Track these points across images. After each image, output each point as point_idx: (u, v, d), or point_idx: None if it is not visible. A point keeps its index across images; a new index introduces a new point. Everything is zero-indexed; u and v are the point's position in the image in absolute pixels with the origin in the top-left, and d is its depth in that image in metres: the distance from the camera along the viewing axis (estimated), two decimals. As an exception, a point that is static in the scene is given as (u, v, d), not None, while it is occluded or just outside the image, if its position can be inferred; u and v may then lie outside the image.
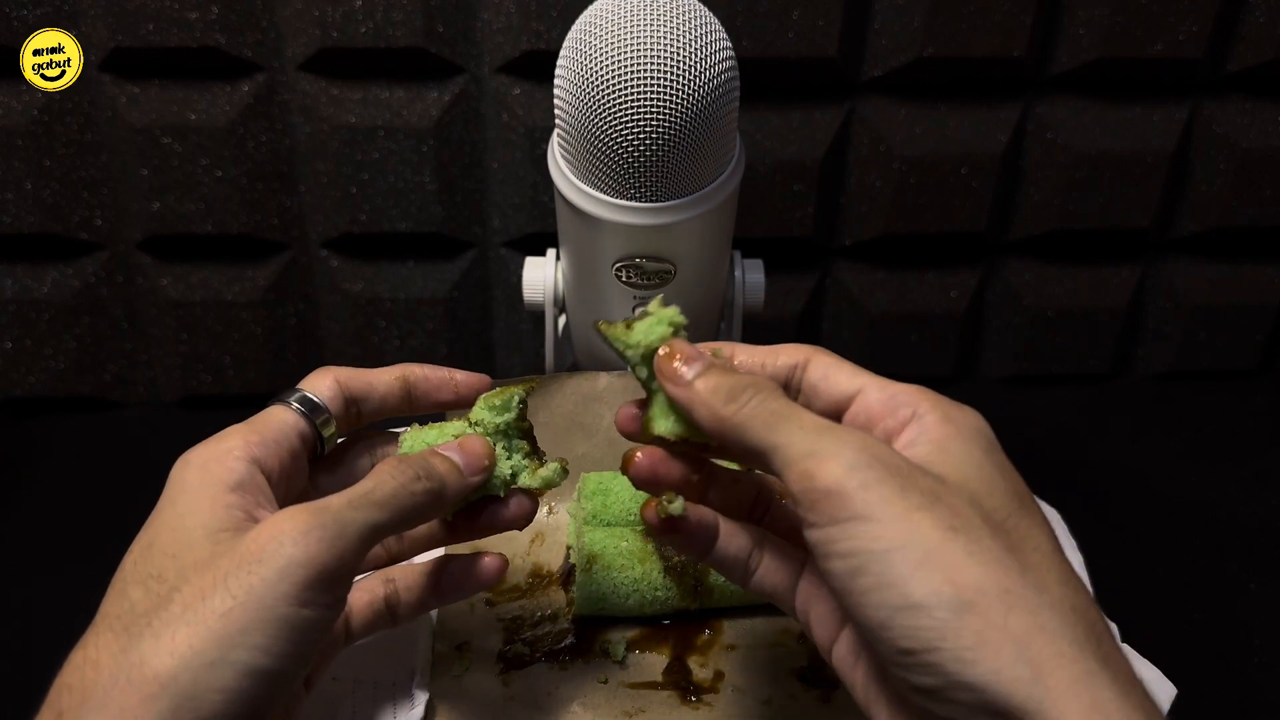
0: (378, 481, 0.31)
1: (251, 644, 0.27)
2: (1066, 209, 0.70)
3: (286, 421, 0.34)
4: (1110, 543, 0.57)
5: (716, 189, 0.44)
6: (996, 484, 0.28)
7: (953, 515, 0.26)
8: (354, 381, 0.37)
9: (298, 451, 0.34)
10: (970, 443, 0.29)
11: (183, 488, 0.31)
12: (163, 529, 0.30)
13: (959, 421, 0.30)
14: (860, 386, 0.31)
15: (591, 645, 0.42)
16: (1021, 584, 0.25)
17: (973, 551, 0.26)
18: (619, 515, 0.46)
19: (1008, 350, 0.76)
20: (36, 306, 0.67)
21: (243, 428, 0.33)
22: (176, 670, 0.26)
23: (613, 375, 0.50)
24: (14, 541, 0.58)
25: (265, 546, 0.28)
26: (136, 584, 0.29)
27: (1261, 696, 0.48)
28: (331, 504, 0.30)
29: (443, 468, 0.33)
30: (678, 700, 0.40)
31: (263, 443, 0.33)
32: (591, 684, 0.41)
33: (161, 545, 0.30)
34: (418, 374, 0.38)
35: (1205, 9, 0.64)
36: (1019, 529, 0.27)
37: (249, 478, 0.31)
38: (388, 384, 0.37)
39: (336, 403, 0.36)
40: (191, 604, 0.27)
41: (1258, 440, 0.70)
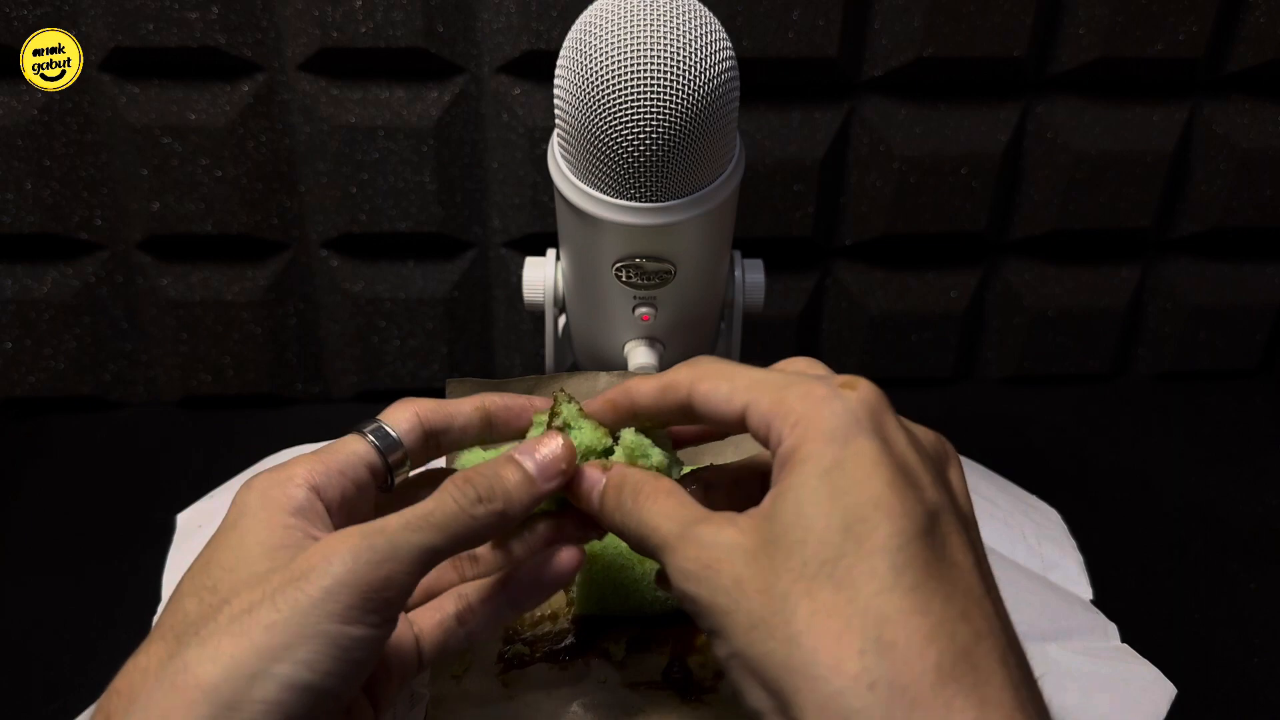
0: (439, 503, 0.31)
1: (294, 658, 0.27)
2: (1066, 209, 0.70)
3: (356, 452, 0.34)
4: (1110, 543, 0.57)
5: (716, 189, 0.44)
6: (815, 522, 0.26)
7: (753, 609, 0.26)
8: (434, 415, 0.36)
9: (364, 483, 0.34)
10: (807, 467, 0.27)
11: (244, 510, 0.31)
12: (221, 547, 0.31)
13: (811, 439, 0.27)
14: (741, 410, 0.30)
15: (591, 645, 0.42)
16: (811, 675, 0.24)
17: (770, 650, 0.25)
18: None
19: (1008, 350, 0.76)
20: (36, 306, 0.67)
21: (309, 457, 0.33)
22: (219, 679, 0.27)
23: (613, 375, 0.50)
24: (14, 541, 0.58)
25: (314, 564, 0.28)
26: (191, 596, 0.29)
27: (1261, 696, 0.48)
28: (388, 525, 0.30)
29: (511, 482, 0.32)
30: (677, 700, 0.40)
31: (326, 472, 0.33)
32: (591, 684, 0.41)
33: (219, 561, 0.30)
34: (497, 403, 0.37)
35: (1205, 9, 0.64)
36: (834, 577, 0.25)
37: (308, 504, 0.32)
38: (467, 415, 0.37)
39: (414, 435, 0.35)
40: (238, 615, 0.28)
41: (1258, 440, 0.70)
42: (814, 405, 0.28)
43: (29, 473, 0.64)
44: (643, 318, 0.49)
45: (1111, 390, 0.77)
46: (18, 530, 0.59)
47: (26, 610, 0.53)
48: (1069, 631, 0.45)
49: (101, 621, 0.52)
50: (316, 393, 0.72)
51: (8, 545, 0.58)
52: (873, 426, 0.27)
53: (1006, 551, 0.50)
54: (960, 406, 0.74)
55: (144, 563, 0.50)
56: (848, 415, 0.27)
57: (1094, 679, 0.43)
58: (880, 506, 0.25)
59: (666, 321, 0.49)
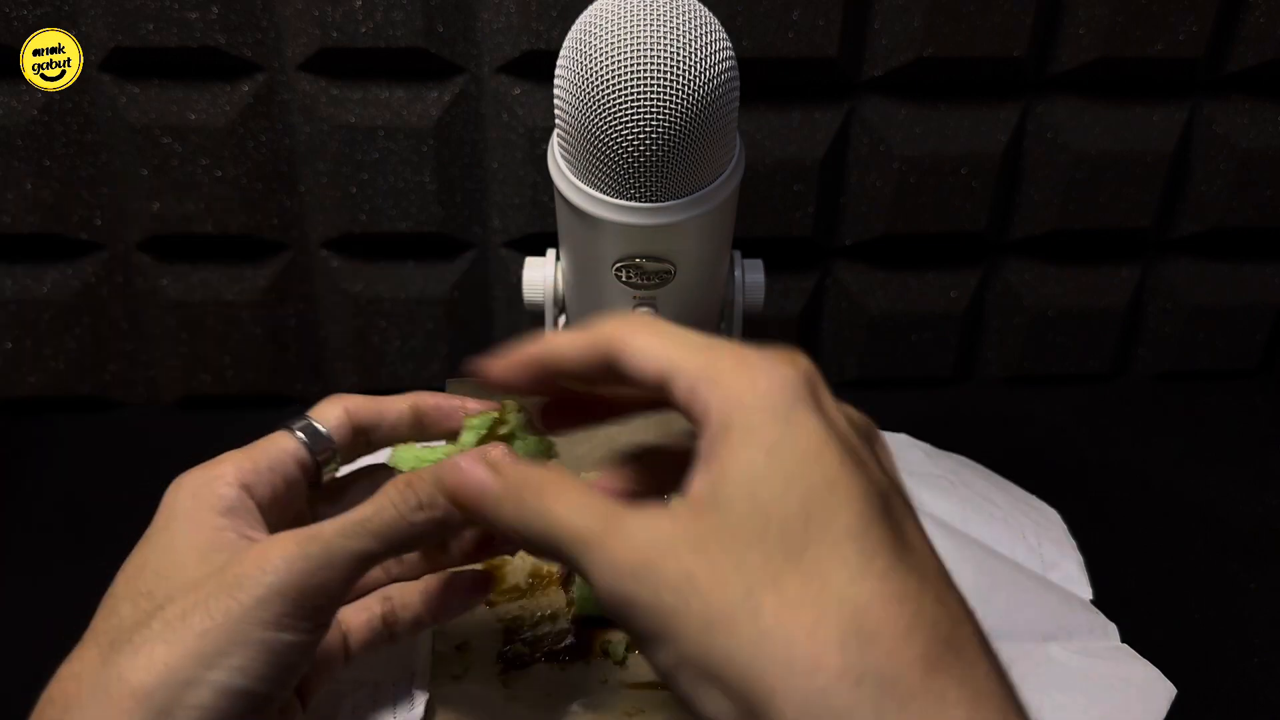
0: (377, 508, 0.30)
1: (229, 665, 0.28)
2: (1066, 209, 0.70)
3: (285, 449, 0.34)
4: (1110, 543, 0.57)
5: (716, 189, 0.44)
6: (771, 509, 0.23)
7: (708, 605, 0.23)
8: (363, 411, 0.37)
9: (294, 479, 0.34)
10: (750, 447, 0.24)
11: (174, 512, 0.32)
12: (154, 550, 0.31)
13: (745, 413, 0.25)
14: (665, 373, 0.27)
15: (592, 645, 0.42)
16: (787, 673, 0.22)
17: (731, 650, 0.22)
18: None
19: (1008, 350, 0.76)
20: (36, 306, 0.67)
21: (238, 454, 0.34)
22: (153, 686, 0.27)
23: None
24: (14, 541, 0.58)
25: (248, 571, 0.28)
26: (126, 601, 0.30)
27: (1261, 696, 0.48)
28: (324, 531, 0.30)
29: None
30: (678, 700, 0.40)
31: (255, 469, 0.33)
32: (592, 684, 0.41)
33: (153, 565, 0.30)
34: (429, 403, 0.38)
35: (1205, 9, 0.64)
36: (801, 568, 0.23)
37: (239, 503, 0.32)
38: (398, 412, 0.37)
39: (343, 431, 0.36)
40: (172, 622, 0.28)
41: (1258, 440, 0.70)
42: (749, 374, 0.25)
43: (29, 473, 0.64)
44: (643, 318, 0.49)
45: (1111, 390, 0.77)
46: (18, 530, 0.59)
47: (26, 610, 0.53)
48: (1069, 631, 0.45)
49: (101, 621, 0.51)
50: (316, 393, 0.72)
51: (8, 545, 0.58)
52: (813, 402, 0.25)
53: (1006, 551, 0.50)
54: (960, 406, 0.74)
55: (144, 563, 0.50)
56: (787, 388, 0.25)
57: (1094, 679, 0.43)
58: (837, 489, 0.23)
59: (666, 321, 0.49)
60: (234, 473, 0.33)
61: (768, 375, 0.25)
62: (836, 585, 0.22)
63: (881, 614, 0.22)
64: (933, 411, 0.73)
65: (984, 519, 0.51)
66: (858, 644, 0.21)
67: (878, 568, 0.22)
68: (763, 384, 0.25)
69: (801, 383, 0.25)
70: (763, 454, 0.24)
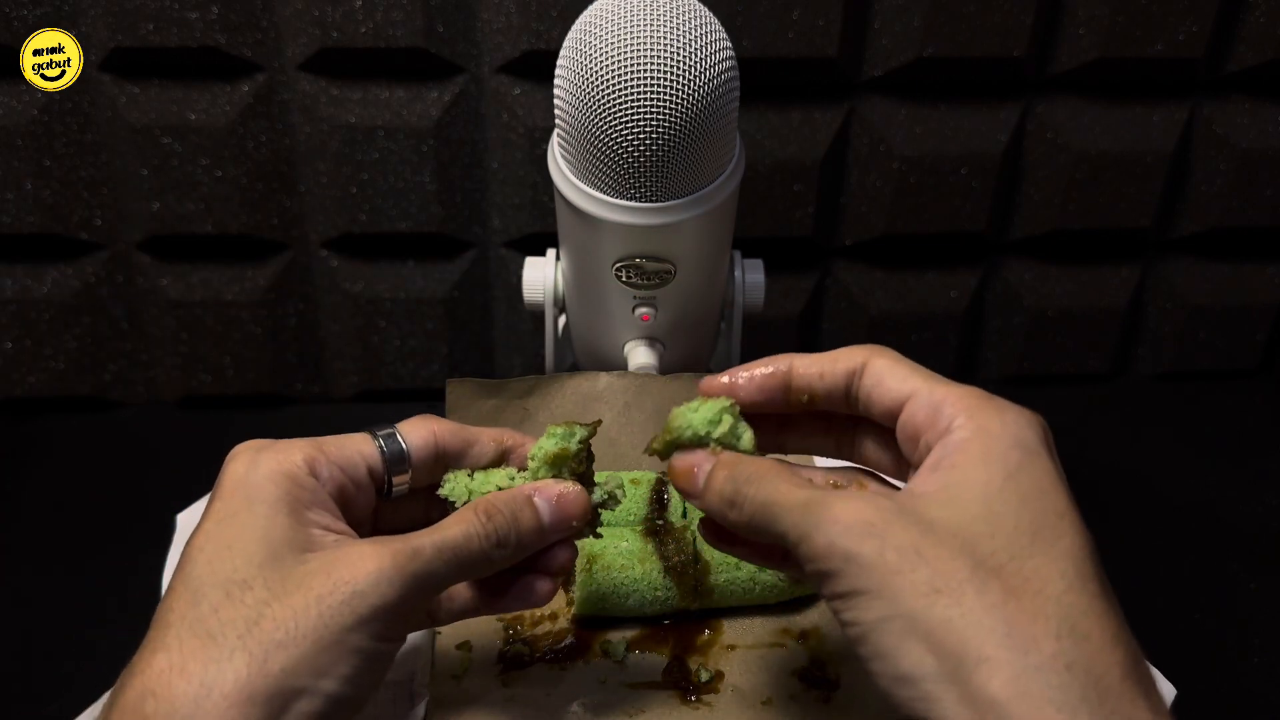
0: (468, 536, 0.32)
1: (339, 674, 0.28)
2: (1066, 209, 0.70)
3: (362, 452, 0.34)
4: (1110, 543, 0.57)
5: (716, 189, 0.44)
6: (1004, 519, 0.27)
7: (935, 574, 0.26)
8: (452, 439, 0.36)
9: (363, 482, 0.34)
10: (991, 465, 0.28)
11: (255, 494, 0.31)
12: (241, 535, 0.30)
13: (989, 438, 0.28)
14: (911, 392, 0.30)
15: (591, 645, 0.42)
16: (1005, 646, 0.24)
17: (952, 617, 0.25)
18: (619, 516, 0.46)
19: (1008, 350, 0.76)
20: (36, 306, 0.67)
21: (310, 443, 0.33)
22: (270, 693, 0.27)
23: (613, 375, 0.50)
24: (14, 541, 0.58)
25: (360, 580, 0.29)
26: (216, 587, 0.29)
27: (1261, 696, 0.48)
28: (424, 550, 0.30)
29: (526, 527, 0.33)
30: (678, 700, 0.40)
31: (326, 463, 0.33)
32: (591, 684, 0.41)
33: (244, 552, 0.29)
34: (515, 440, 0.37)
35: (1205, 9, 0.64)
36: (1022, 571, 0.26)
37: (320, 496, 0.32)
38: (484, 446, 0.37)
39: (425, 452, 0.35)
40: (284, 622, 0.28)
41: (1258, 440, 0.70)
42: (998, 410, 0.29)
43: (29, 473, 0.64)
44: (643, 318, 0.49)
45: (1111, 390, 0.77)
46: (18, 530, 0.59)
47: (26, 610, 0.53)
48: None
49: (101, 621, 0.51)
50: (316, 393, 0.72)
51: (8, 545, 0.58)
52: (1048, 448, 0.29)
53: None
54: (960, 406, 0.74)
55: (144, 563, 0.50)
56: (1032, 429, 0.29)
57: None
58: (1065, 518, 0.27)
59: (666, 321, 0.49)
60: (307, 460, 0.32)
61: (1015, 416, 0.29)
62: (1054, 591, 0.25)
63: (1093, 622, 0.25)
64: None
65: None
66: (1072, 639, 0.25)
67: (1092, 588, 0.26)
68: (1010, 421, 0.29)
69: (1042, 431, 0.29)
70: (1002, 475, 0.27)
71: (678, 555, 0.43)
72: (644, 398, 0.50)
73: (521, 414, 0.50)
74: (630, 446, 0.49)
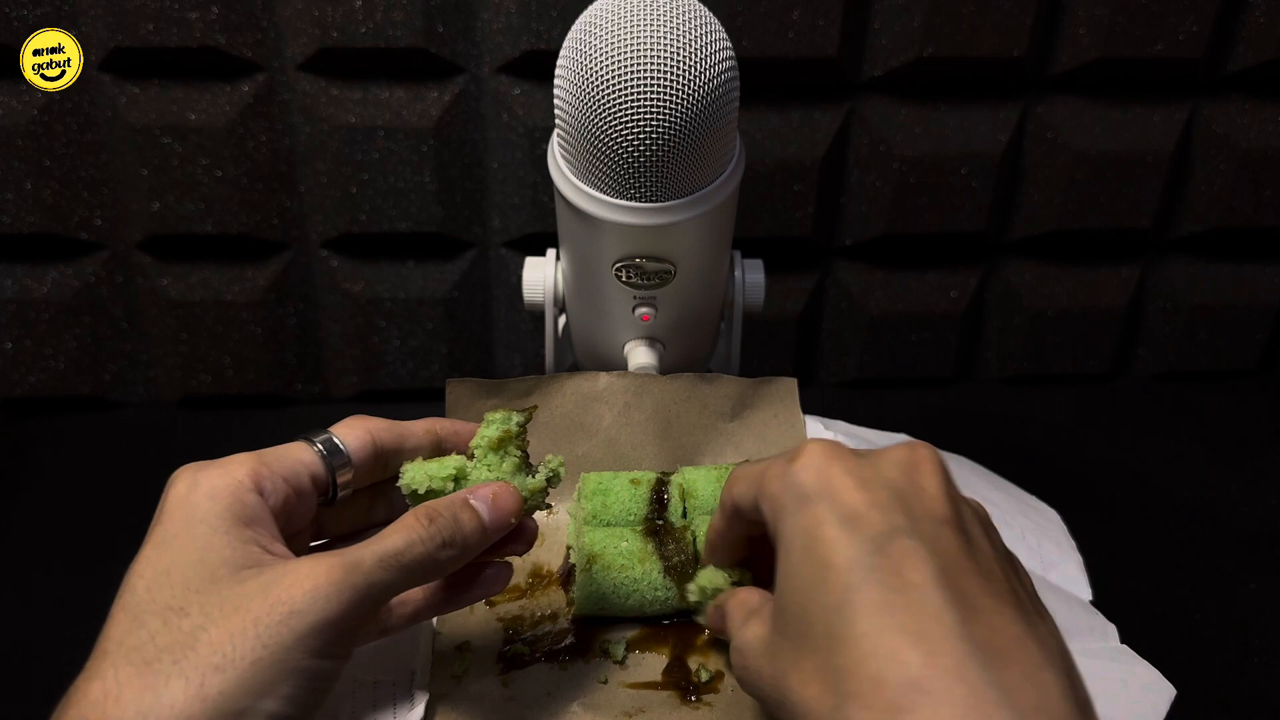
0: (408, 543, 0.31)
1: (280, 694, 0.28)
2: (1066, 209, 0.70)
3: (302, 460, 0.34)
4: (1110, 543, 0.57)
5: (716, 189, 0.44)
6: (789, 603, 0.29)
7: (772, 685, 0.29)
8: (387, 435, 0.36)
9: (306, 491, 0.34)
10: (781, 556, 0.30)
11: (194, 514, 0.31)
12: (179, 558, 0.30)
13: (776, 525, 0.31)
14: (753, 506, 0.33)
15: (591, 645, 0.42)
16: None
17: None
18: (619, 515, 0.46)
19: (1008, 350, 0.76)
20: (36, 306, 0.67)
21: (252, 457, 0.33)
22: (209, 716, 0.27)
23: (613, 375, 0.50)
24: (13, 541, 0.58)
25: (298, 599, 0.28)
26: (154, 615, 0.28)
27: (1261, 696, 0.48)
28: (363, 561, 0.30)
29: (469, 527, 0.33)
30: (678, 700, 0.40)
31: (270, 476, 0.33)
32: (591, 684, 0.41)
33: (181, 577, 0.29)
34: (447, 428, 0.38)
35: (1205, 9, 0.64)
36: (812, 632, 0.28)
37: (260, 512, 0.31)
38: (418, 438, 0.37)
39: (364, 452, 0.36)
40: (220, 646, 0.27)
41: (1258, 440, 0.70)
42: (774, 487, 0.31)
43: (29, 473, 0.64)
44: (643, 318, 0.49)
45: (1111, 390, 0.77)
46: (18, 530, 0.59)
47: (27, 610, 0.53)
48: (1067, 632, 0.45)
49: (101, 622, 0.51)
50: (316, 393, 0.72)
51: (8, 545, 0.58)
52: (818, 488, 0.29)
53: None
54: (960, 406, 0.74)
55: (144, 563, 0.50)
56: (795, 487, 0.30)
57: (1092, 680, 0.42)
58: (827, 565, 0.28)
59: (666, 321, 0.49)
60: (251, 477, 0.32)
61: (782, 482, 0.30)
62: (825, 655, 0.27)
63: (857, 674, 0.26)
64: (933, 411, 0.73)
65: None
66: (841, 704, 0.26)
67: (857, 631, 0.26)
68: (779, 492, 0.30)
69: (806, 475, 0.30)
70: (784, 557, 0.29)
71: (678, 555, 0.43)
72: (644, 398, 0.50)
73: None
74: (630, 446, 0.49)
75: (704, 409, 0.50)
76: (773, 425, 0.50)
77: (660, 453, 0.49)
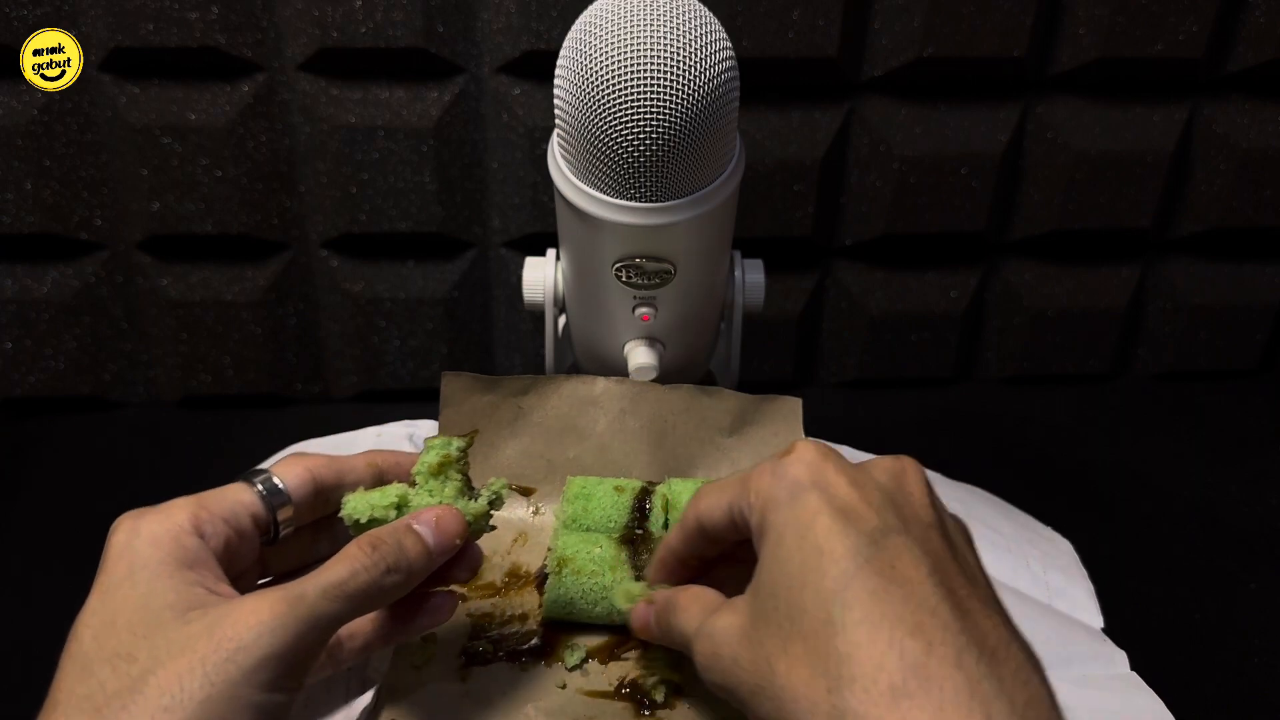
0: (351, 572, 0.31)
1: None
2: (1066, 209, 0.70)
3: (241, 501, 0.34)
4: (1110, 543, 0.57)
5: (716, 189, 0.44)
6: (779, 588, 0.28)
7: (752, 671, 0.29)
8: (326, 472, 0.37)
9: (247, 532, 0.34)
10: (769, 543, 0.30)
11: (137, 561, 0.31)
12: (124, 605, 0.30)
13: (763, 517, 0.30)
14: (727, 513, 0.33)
15: (556, 649, 0.42)
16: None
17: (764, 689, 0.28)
18: (599, 521, 0.45)
19: (1008, 350, 0.76)
20: (36, 306, 0.67)
21: (191, 501, 0.33)
22: None
23: (610, 381, 0.50)
24: (13, 541, 0.58)
25: (243, 635, 0.28)
26: (103, 663, 0.28)
27: (1261, 696, 0.48)
28: (307, 594, 0.30)
29: (413, 552, 0.33)
30: (632, 712, 0.39)
31: (210, 519, 0.33)
32: (549, 688, 0.40)
33: (126, 623, 0.29)
34: (388, 460, 0.39)
35: (1205, 9, 0.64)
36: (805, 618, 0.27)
37: (202, 555, 0.32)
38: (359, 473, 0.38)
39: (304, 490, 0.36)
40: (168, 688, 0.27)
41: (1258, 440, 0.70)
42: (764, 482, 0.31)
43: (29, 473, 0.64)
44: (643, 318, 0.49)
45: (1111, 390, 0.77)
46: (18, 530, 0.59)
47: (27, 610, 0.53)
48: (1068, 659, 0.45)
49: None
50: (316, 393, 0.72)
51: (8, 545, 0.58)
52: (811, 480, 0.30)
53: (1009, 579, 0.49)
54: (960, 406, 0.74)
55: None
56: (789, 480, 0.30)
57: (1088, 711, 0.42)
58: (823, 552, 0.28)
59: (666, 321, 0.49)
60: (189, 520, 0.32)
61: (774, 475, 0.30)
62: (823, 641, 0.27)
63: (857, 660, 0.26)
64: (933, 411, 0.73)
65: (986, 547, 0.51)
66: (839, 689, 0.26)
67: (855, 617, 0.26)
68: (770, 485, 0.30)
69: (799, 468, 0.30)
70: (774, 543, 0.29)
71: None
72: (641, 406, 0.50)
73: (515, 412, 0.49)
74: (622, 454, 0.49)
75: (702, 422, 0.50)
76: (772, 444, 0.49)
77: (652, 462, 0.49)
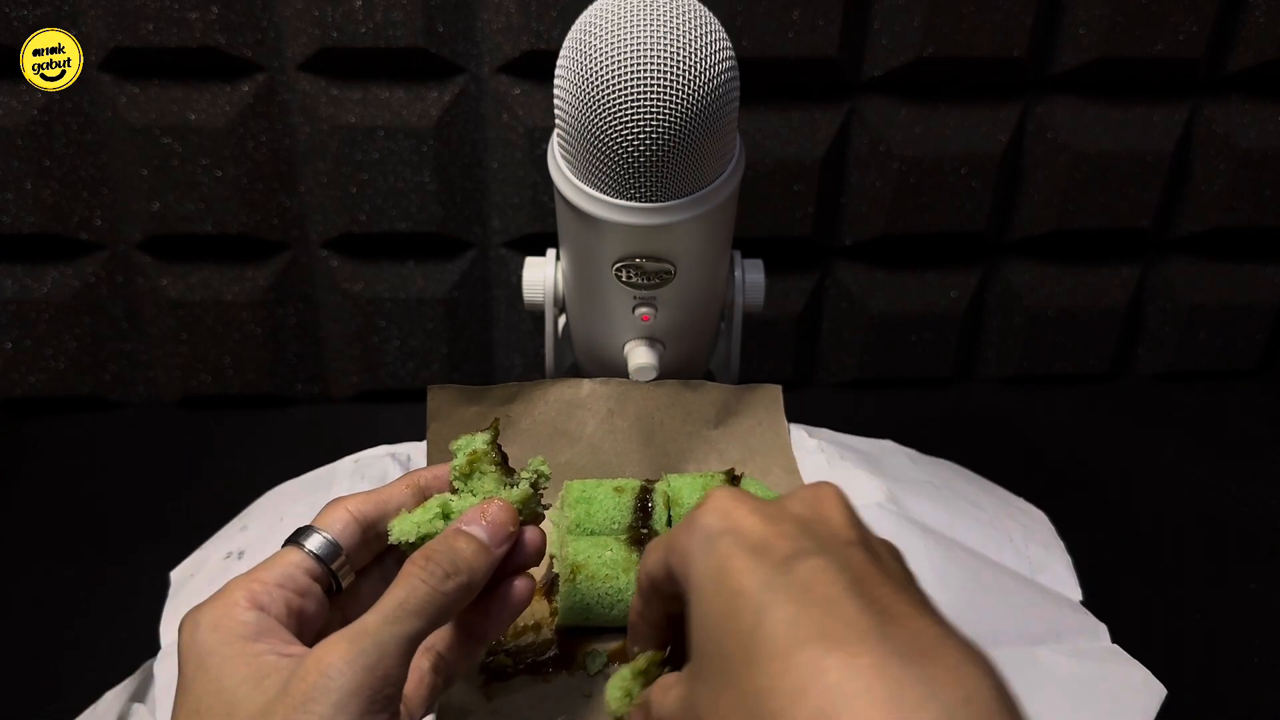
0: (409, 589, 0.31)
1: None
2: (1066, 209, 0.70)
3: (293, 562, 0.34)
4: (1109, 543, 0.57)
5: (716, 189, 0.44)
6: (706, 645, 0.28)
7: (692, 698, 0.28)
8: (366, 508, 0.36)
9: (308, 589, 0.34)
10: (693, 601, 0.29)
11: (205, 650, 0.31)
12: (204, 695, 0.30)
13: (686, 577, 0.30)
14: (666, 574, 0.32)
15: (576, 657, 0.42)
16: None
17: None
18: (602, 524, 0.45)
19: (1008, 350, 0.76)
20: (36, 306, 0.67)
21: (243, 579, 0.33)
22: None
23: (596, 382, 0.50)
24: (13, 541, 0.58)
25: (315, 684, 0.29)
26: None
27: (1261, 696, 0.48)
28: (368, 625, 0.30)
29: (469, 552, 0.33)
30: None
31: (265, 589, 0.33)
32: (575, 697, 0.40)
33: (209, 710, 0.30)
34: (426, 476, 0.38)
35: (1205, 9, 0.64)
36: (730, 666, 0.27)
37: (264, 624, 0.32)
38: (400, 497, 0.37)
39: (349, 532, 0.35)
40: None
41: (1258, 440, 0.70)
42: (680, 539, 0.30)
43: (29, 473, 0.64)
44: (643, 318, 0.49)
45: (1111, 390, 0.77)
46: (18, 530, 0.59)
47: (26, 610, 0.53)
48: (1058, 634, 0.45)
49: (101, 621, 0.52)
50: (316, 393, 0.72)
51: (8, 545, 0.58)
52: (723, 527, 0.29)
53: (994, 555, 0.49)
54: (960, 406, 0.74)
55: (144, 563, 0.50)
56: (701, 531, 0.29)
57: (1081, 683, 0.42)
58: (738, 593, 0.27)
59: (666, 321, 0.49)
60: (245, 597, 0.32)
61: (690, 533, 0.30)
62: (738, 685, 0.26)
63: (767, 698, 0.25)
64: (933, 411, 0.73)
65: (970, 523, 0.51)
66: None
67: (765, 651, 0.26)
68: (687, 542, 0.30)
69: (711, 518, 0.29)
70: (696, 601, 0.28)
71: None
72: (627, 405, 0.50)
73: (504, 421, 0.49)
74: (613, 454, 0.49)
75: (688, 416, 0.50)
76: (756, 432, 0.50)
77: (644, 460, 0.49)
